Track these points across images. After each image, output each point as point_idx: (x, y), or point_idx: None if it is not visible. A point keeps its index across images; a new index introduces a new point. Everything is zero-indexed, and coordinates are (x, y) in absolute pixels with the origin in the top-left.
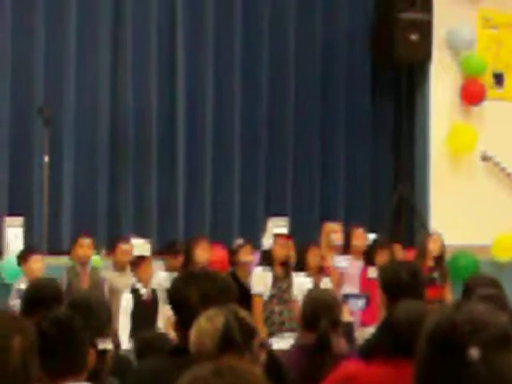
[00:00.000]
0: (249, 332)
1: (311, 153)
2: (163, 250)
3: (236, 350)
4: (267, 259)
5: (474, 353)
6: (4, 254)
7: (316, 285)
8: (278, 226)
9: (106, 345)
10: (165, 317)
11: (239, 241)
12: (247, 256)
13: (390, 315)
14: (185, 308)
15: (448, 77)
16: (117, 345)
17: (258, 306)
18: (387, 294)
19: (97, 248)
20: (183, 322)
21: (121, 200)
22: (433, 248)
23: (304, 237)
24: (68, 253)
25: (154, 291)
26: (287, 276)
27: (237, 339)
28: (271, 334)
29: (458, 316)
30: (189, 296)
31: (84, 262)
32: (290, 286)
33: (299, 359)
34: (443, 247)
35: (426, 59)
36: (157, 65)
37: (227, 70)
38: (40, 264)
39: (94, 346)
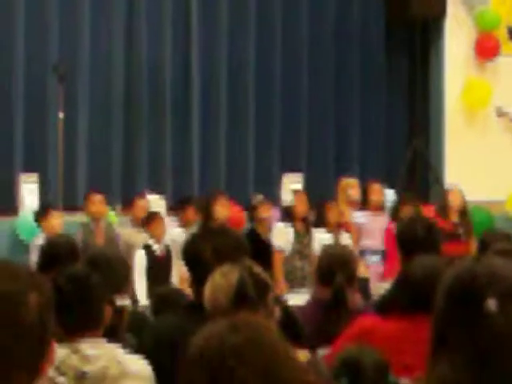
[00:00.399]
0: (263, 287)
1: (325, 109)
2: (177, 205)
3: (250, 306)
4: (288, 215)
5: (492, 304)
6: (19, 211)
7: (336, 240)
8: (292, 182)
9: (124, 301)
10: (179, 273)
11: (259, 197)
12: (267, 212)
13: (406, 270)
14: (199, 264)
15: (462, 32)
16: (133, 301)
17: (279, 261)
18: (403, 249)
19: (111, 204)
20: (198, 278)
21: (135, 156)
22: (454, 203)
23: (318, 193)
24: (83, 209)
25: (167, 247)
26: (307, 232)
27: (251, 294)
28: (292, 289)
29: (477, 268)
30: (202, 252)
31: (97, 219)
32: (310, 241)
33: (315, 314)
34: (464, 201)
35: (440, 15)
36: (171, 20)
37: (242, 25)
38: (59, 220)
39: (112, 302)
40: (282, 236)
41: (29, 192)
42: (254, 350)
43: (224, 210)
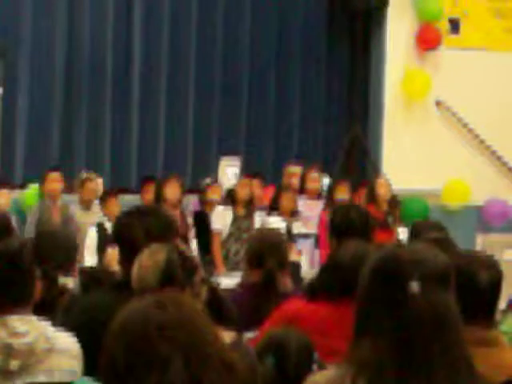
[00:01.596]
0: (190, 268)
1: (266, 94)
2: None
3: (177, 285)
4: (230, 198)
5: (415, 286)
6: None
7: (288, 227)
8: (230, 165)
9: (66, 280)
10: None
11: (207, 180)
12: (215, 194)
13: (336, 255)
14: (129, 243)
15: (404, 22)
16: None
17: (216, 242)
18: (336, 233)
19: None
20: (127, 256)
21: (74, 136)
22: (381, 192)
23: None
24: (20, 186)
25: None
26: (249, 216)
27: (178, 274)
28: (227, 272)
29: (401, 252)
30: (133, 231)
31: (53, 196)
32: (250, 226)
33: (245, 297)
34: (391, 191)
35: (382, 4)
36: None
37: (184, 5)
38: (5, 199)
39: (55, 280)
40: (219, 218)
41: None
42: (177, 326)
43: (175, 191)
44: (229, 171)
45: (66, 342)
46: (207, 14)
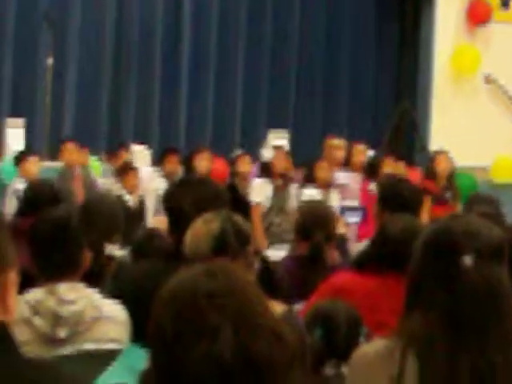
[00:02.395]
0: (244, 238)
1: (315, 70)
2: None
3: (230, 255)
4: (266, 171)
5: (468, 260)
6: (4, 155)
7: (324, 199)
8: (278, 138)
9: (113, 250)
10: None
11: (237, 151)
12: (245, 166)
13: (385, 228)
14: (179, 213)
15: None
16: None
17: (257, 215)
18: (385, 207)
19: (97, 153)
20: (177, 226)
21: (123, 106)
22: (442, 167)
23: (305, 151)
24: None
25: (140, 199)
26: (286, 188)
27: (232, 243)
28: (271, 245)
29: (455, 225)
30: (182, 202)
31: (71, 166)
32: (289, 197)
33: (292, 270)
34: (452, 166)
35: None
36: None
37: None
38: (35, 165)
39: (100, 249)
40: (259, 190)
41: (14, 137)
42: (227, 295)
43: (205, 163)
44: (277, 144)
45: (114, 310)
46: None
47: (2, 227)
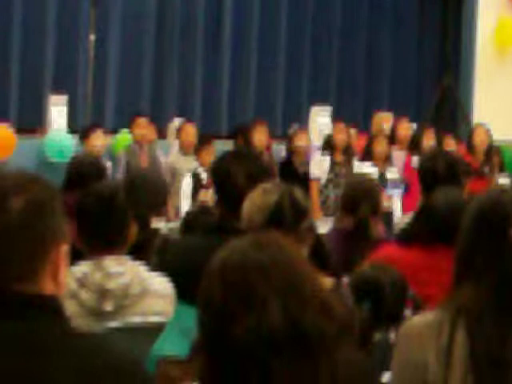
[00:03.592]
0: (300, 213)
1: (358, 44)
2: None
3: (284, 228)
4: (328, 145)
5: None
6: (48, 132)
7: (381, 174)
8: (321, 115)
9: (158, 224)
10: None
11: (294, 126)
12: (302, 141)
13: (429, 202)
14: (230, 186)
15: None
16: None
17: (314, 190)
18: (424, 183)
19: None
20: (228, 200)
21: (165, 81)
22: (478, 142)
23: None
24: (111, 132)
25: None
26: (347, 162)
27: (287, 217)
28: (324, 218)
29: (504, 197)
30: (235, 174)
31: (141, 142)
32: (349, 172)
33: (337, 243)
34: (490, 140)
35: None
36: None
37: None
38: (100, 140)
39: (147, 223)
40: (317, 165)
41: (58, 113)
42: (276, 267)
43: (263, 137)
44: (319, 120)
45: (160, 283)
46: None
47: (56, 202)
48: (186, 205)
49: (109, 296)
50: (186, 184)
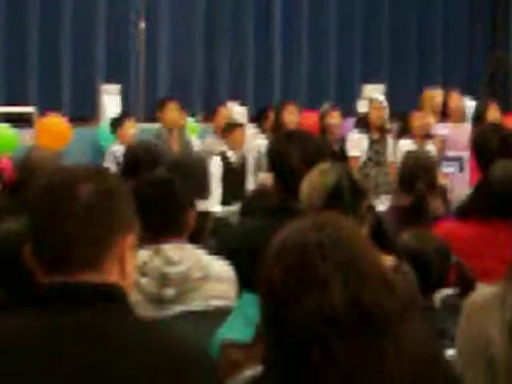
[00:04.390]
0: (358, 193)
1: (408, 19)
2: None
3: (343, 209)
4: (363, 123)
5: None
6: (101, 121)
7: (420, 150)
8: (373, 93)
9: (207, 206)
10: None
11: (326, 105)
12: (335, 119)
13: (487, 176)
14: (286, 167)
15: None
16: None
17: (354, 168)
18: (479, 158)
19: (193, 114)
20: (282, 182)
21: (217, 66)
22: None
23: (401, 104)
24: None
25: (243, 157)
26: (383, 140)
27: (345, 198)
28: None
29: None
30: (290, 155)
31: (172, 126)
32: (385, 149)
33: (395, 221)
34: None
35: None
36: None
37: None
38: (132, 129)
39: (194, 207)
40: (356, 143)
41: (110, 102)
42: (335, 246)
43: (293, 117)
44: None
45: (220, 267)
46: None
47: (125, 192)
48: (214, 187)
49: (169, 282)
50: (215, 166)
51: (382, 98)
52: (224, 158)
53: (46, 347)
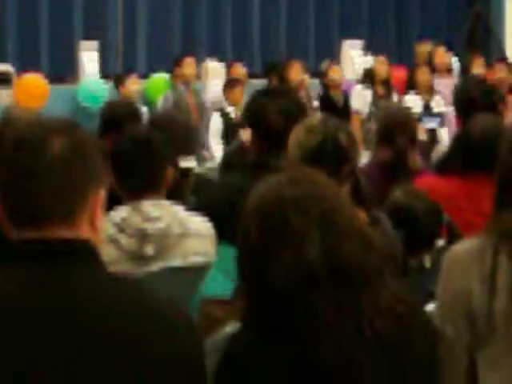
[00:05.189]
0: (342, 157)
1: None
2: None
3: (324, 171)
4: (368, 78)
5: None
6: (80, 78)
7: (427, 104)
8: (353, 47)
9: (188, 163)
10: None
11: (326, 62)
12: (336, 73)
13: (465, 130)
14: (264, 124)
15: None
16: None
17: (356, 123)
18: (459, 109)
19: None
20: (261, 138)
21: (196, 26)
22: None
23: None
24: (143, 76)
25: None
26: (387, 95)
27: (328, 160)
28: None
29: None
30: (267, 112)
31: (188, 81)
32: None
33: (375, 175)
34: None
35: None
36: None
37: None
38: (136, 86)
39: (175, 164)
40: (359, 98)
41: (89, 59)
42: (311, 201)
43: (297, 74)
44: (353, 53)
45: (199, 224)
46: None
47: (96, 147)
48: (215, 143)
49: (149, 239)
50: (215, 122)
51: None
52: (224, 115)
53: (22, 304)
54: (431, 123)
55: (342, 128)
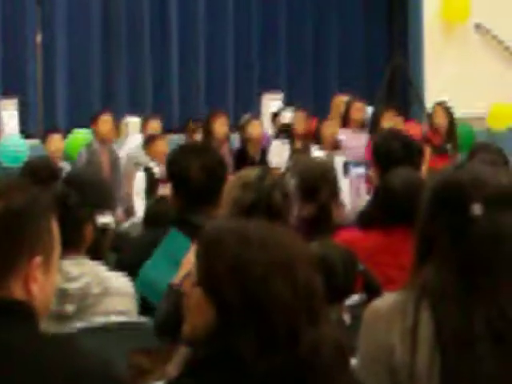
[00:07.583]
0: (275, 213)
1: (304, 28)
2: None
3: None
4: (287, 133)
5: (477, 209)
6: (0, 138)
7: (331, 158)
8: (272, 100)
9: (105, 220)
10: None
11: (246, 116)
12: (256, 129)
13: (385, 183)
14: (186, 180)
15: None
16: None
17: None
18: (379, 164)
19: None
20: (181, 193)
21: (115, 80)
22: (439, 122)
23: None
24: (66, 132)
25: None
26: (306, 150)
27: (260, 217)
28: None
29: (462, 174)
30: (190, 168)
31: (105, 139)
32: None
33: (300, 231)
34: (451, 117)
35: None
36: None
37: None
38: (60, 143)
39: (93, 221)
40: (278, 153)
41: (9, 117)
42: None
43: (223, 127)
44: (272, 106)
45: (120, 282)
46: None
47: (35, 211)
48: (138, 199)
49: (69, 298)
50: (139, 179)
51: (279, 105)
52: (146, 169)
53: None
54: (359, 170)
55: (277, 186)
